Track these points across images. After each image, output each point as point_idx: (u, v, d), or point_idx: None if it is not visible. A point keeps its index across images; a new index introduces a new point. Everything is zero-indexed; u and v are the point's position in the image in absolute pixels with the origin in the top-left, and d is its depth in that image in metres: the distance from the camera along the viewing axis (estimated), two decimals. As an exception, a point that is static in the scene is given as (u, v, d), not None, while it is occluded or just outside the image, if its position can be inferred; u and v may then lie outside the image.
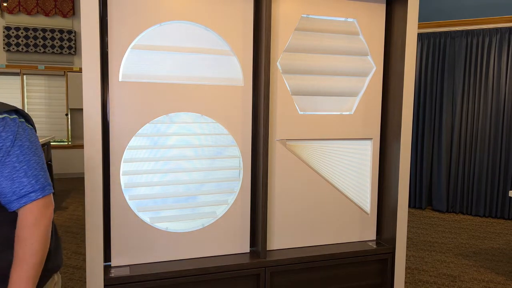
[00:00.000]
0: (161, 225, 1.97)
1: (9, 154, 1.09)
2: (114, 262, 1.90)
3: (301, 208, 2.21)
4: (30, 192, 1.11)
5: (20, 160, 1.10)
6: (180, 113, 1.96)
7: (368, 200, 2.35)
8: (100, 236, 1.75)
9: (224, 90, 2.01)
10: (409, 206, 5.50)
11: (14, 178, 1.09)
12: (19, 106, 5.21)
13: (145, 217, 1.94)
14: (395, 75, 2.25)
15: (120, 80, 1.84)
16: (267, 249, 2.12)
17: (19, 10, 4.83)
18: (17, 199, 1.10)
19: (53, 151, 6.85)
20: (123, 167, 1.88)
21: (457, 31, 5.17)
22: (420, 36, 5.33)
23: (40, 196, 1.13)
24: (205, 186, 2.05)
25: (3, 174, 1.08)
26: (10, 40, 4.81)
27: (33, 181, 1.12)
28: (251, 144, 2.09)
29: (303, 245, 2.24)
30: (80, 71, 5.60)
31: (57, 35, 4.81)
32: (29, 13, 4.81)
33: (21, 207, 1.10)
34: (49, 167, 5.66)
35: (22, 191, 1.10)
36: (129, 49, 1.84)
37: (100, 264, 1.76)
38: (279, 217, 2.17)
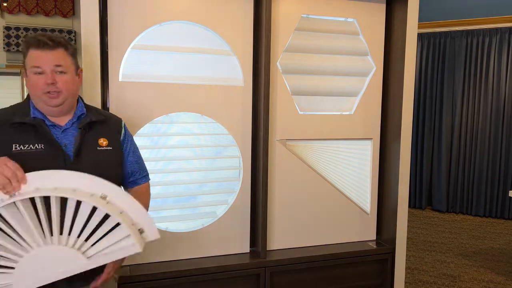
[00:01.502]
0: (161, 225, 1.96)
1: (134, 145, 1.53)
2: (114, 262, 1.90)
3: (301, 208, 2.21)
4: (147, 174, 1.57)
5: (137, 151, 1.54)
6: (180, 113, 1.96)
7: (368, 200, 2.35)
8: (100, 236, 1.75)
9: (224, 90, 2.01)
10: (409, 206, 5.49)
11: (139, 163, 1.53)
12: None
13: (145, 217, 1.94)
14: (395, 75, 2.25)
15: (120, 80, 1.84)
16: (267, 249, 2.11)
17: (19, 10, 4.83)
18: (141, 177, 1.54)
19: (53, 151, 6.80)
20: (123, 167, 1.88)
21: (457, 31, 5.17)
22: (420, 36, 5.32)
23: (149, 177, 1.59)
24: (205, 186, 2.05)
25: (134, 159, 1.51)
26: (10, 40, 4.81)
27: (144, 166, 1.57)
28: (251, 144, 2.09)
29: (303, 245, 2.23)
30: (80, 71, 5.57)
31: (57, 35, 4.79)
32: (29, 13, 4.81)
33: (142, 183, 1.55)
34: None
35: (144, 172, 1.55)
36: (129, 49, 1.84)
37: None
38: (279, 217, 2.17)
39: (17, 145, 1.26)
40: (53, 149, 1.30)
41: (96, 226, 1.21)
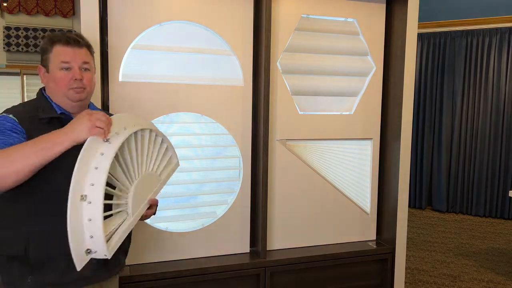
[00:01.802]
0: (161, 225, 1.96)
1: None
2: (114, 262, 1.90)
3: (301, 208, 2.21)
4: None
5: None
6: (180, 113, 1.96)
7: (368, 200, 2.35)
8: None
9: (224, 90, 2.01)
10: (409, 206, 5.50)
11: None
12: (19, 106, 5.17)
13: (145, 217, 1.94)
14: (395, 75, 2.25)
15: (120, 80, 1.84)
16: (267, 249, 2.11)
17: (19, 10, 4.83)
18: None
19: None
20: (123, 167, 1.88)
21: (457, 31, 5.17)
22: (420, 36, 5.33)
23: None
24: (205, 186, 2.05)
25: None
26: (10, 40, 4.81)
27: None
28: (251, 144, 2.09)
29: (303, 245, 2.23)
30: (80, 71, 5.54)
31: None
32: (29, 13, 4.81)
33: None
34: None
35: None
36: (129, 49, 1.84)
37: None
38: (279, 217, 2.17)
39: None
40: (76, 148, 1.35)
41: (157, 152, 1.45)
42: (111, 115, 1.44)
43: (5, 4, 4.76)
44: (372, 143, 2.32)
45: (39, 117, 1.29)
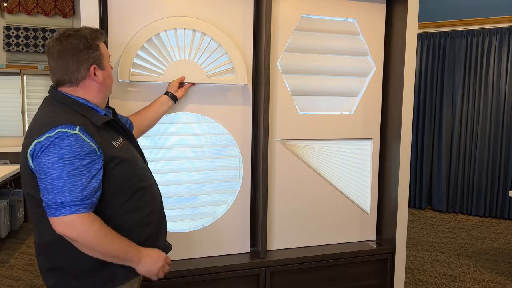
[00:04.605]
0: (161, 225, 1.96)
1: None
2: (114, 262, 1.90)
3: (301, 208, 2.21)
4: None
5: None
6: (180, 113, 1.96)
7: (368, 200, 2.35)
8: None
9: (224, 90, 2.01)
10: (409, 206, 5.49)
11: None
12: (19, 106, 5.20)
13: (145, 217, 1.94)
14: (395, 75, 2.25)
15: (119, 80, 1.83)
16: (267, 249, 2.11)
17: (19, 10, 4.83)
18: None
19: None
20: (123, 167, 1.88)
21: (457, 31, 5.17)
22: (420, 36, 5.32)
23: None
24: (205, 186, 2.05)
25: None
26: (10, 40, 4.81)
27: None
28: (251, 144, 2.09)
29: (303, 245, 2.23)
30: (80, 71, 5.52)
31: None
32: (29, 13, 4.80)
33: None
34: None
35: None
36: (129, 49, 1.84)
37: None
38: (279, 217, 2.17)
39: (113, 141, 1.32)
40: (130, 138, 1.45)
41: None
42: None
43: (5, 4, 4.76)
44: (372, 143, 2.32)
45: (96, 124, 1.27)
